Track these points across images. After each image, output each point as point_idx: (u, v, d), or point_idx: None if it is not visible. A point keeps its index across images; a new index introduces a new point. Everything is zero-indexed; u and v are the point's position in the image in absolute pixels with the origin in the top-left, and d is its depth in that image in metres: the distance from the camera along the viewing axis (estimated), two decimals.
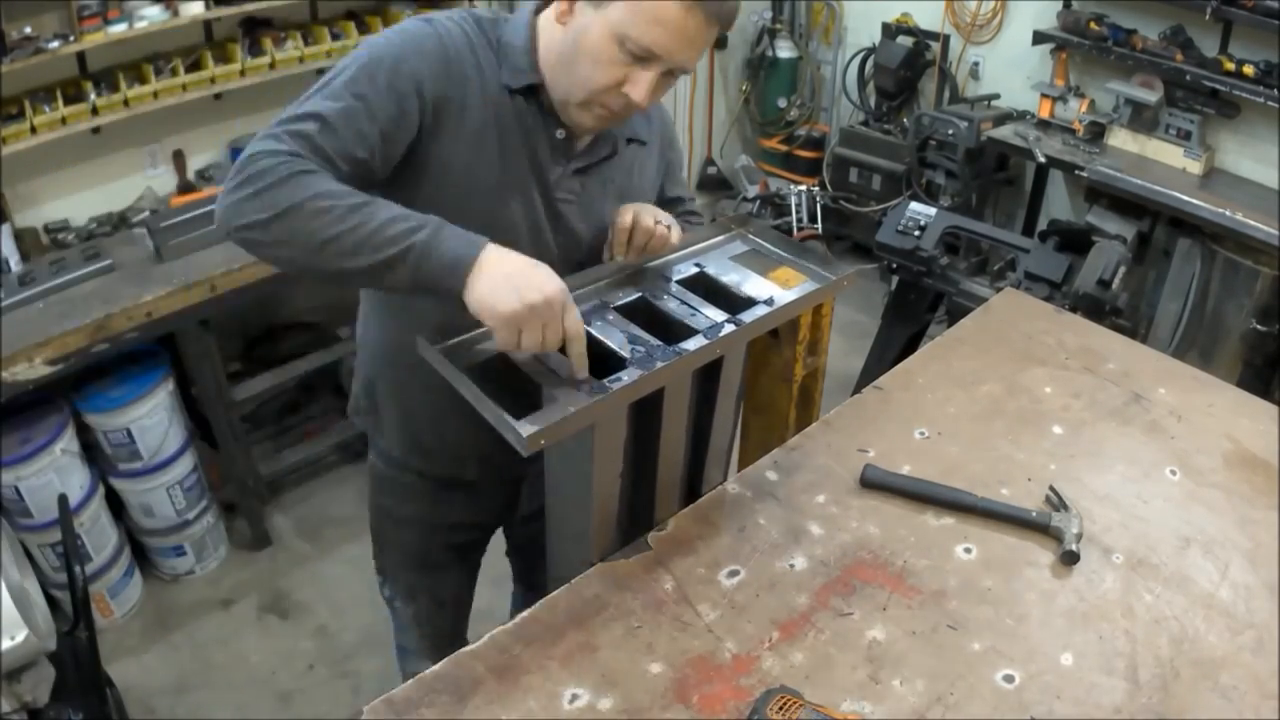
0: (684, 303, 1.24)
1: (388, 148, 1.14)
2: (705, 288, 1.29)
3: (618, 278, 1.29)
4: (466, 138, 1.19)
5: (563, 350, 1.09)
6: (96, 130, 2.63)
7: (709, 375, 1.28)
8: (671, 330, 1.19)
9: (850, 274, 1.31)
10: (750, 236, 1.41)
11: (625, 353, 1.13)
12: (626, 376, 1.08)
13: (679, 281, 1.29)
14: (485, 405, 1.03)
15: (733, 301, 1.25)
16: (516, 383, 1.11)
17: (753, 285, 1.28)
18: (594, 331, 1.17)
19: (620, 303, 1.24)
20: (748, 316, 1.21)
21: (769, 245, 1.39)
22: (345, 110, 1.10)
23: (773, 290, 1.27)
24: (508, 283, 1.03)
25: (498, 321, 1.04)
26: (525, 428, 0.99)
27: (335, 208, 1.03)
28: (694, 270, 1.32)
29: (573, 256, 1.31)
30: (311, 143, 1.08)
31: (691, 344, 1.14)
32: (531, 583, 1.80)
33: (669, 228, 1.29)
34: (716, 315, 1.20)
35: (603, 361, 1.13)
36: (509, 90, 1.20)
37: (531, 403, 1.07)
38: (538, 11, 1.23)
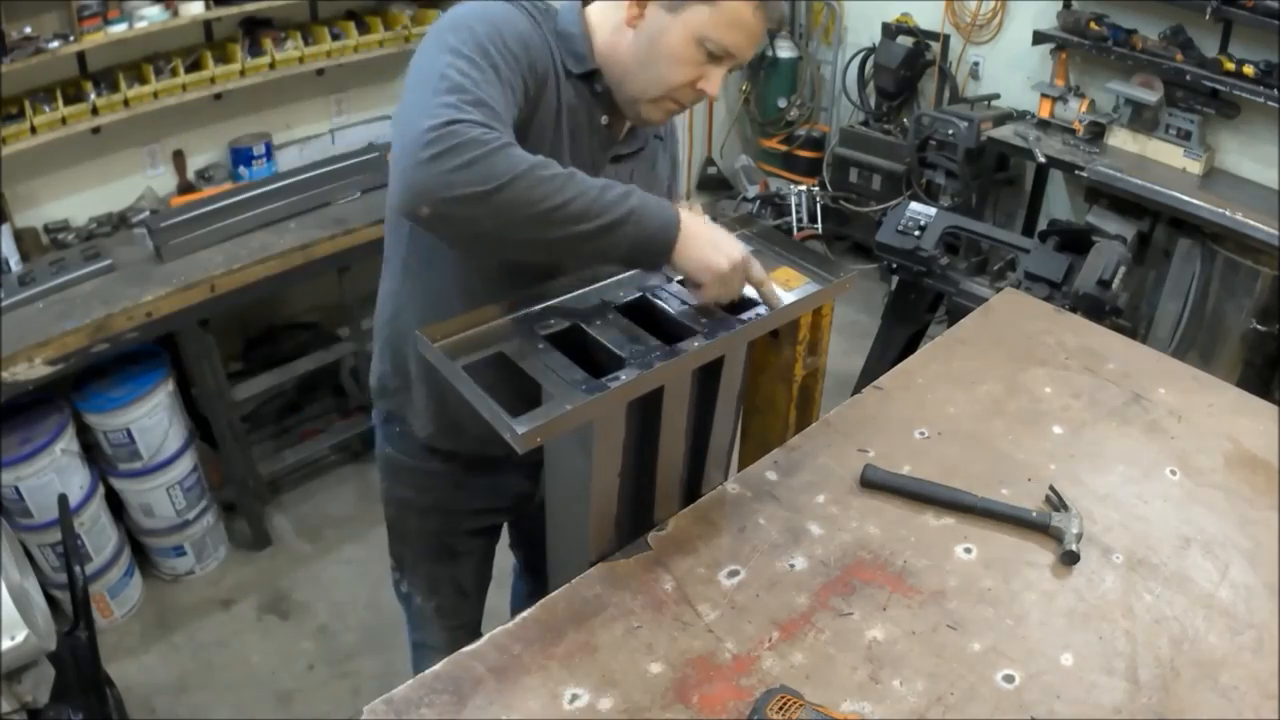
0: (685, 303, 1.24)
1: (520, 116, 1.17)
2: None
3: (620, 277, 1.29)
4: (547, 117, 1.23)
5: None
6: (96, 130, 2.63)
7: (710, 375, 1.28)
8: (672, 330, 1.19)
9: (851, 275, 1.31)
10: (752, 237, 1.42)
11: (624, 352, 1.13)
12: (625, 375, 1.08)
13: (680, 281, 1.29)
14: (482, 402, 1.04)
15: (734, 302, 1.25)
16: (518, 380, 1.11)
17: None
18: (593, 331, 1.17)
19: (621, 302, 1.24)
20: (748, 317, 1.21)
21: (770, 246, 1.39)
22: (492, 80, 1.09)
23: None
24: (712, 245, 1.15)
25: (713, 278, 1.15)
26: (520, 425, 0.99)
27: (555, 176, 1.05)
28: None
29: None
30: (494, 112, 1.06)
31: (691, 344, 1.15)
32: (542, 570, 1.79)
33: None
34: (718, 315, 1.21)
35: (602, 360, 1.13)
36: (569, 74, 1.24)
37: (532, 400, 1.07)
38: (586, 4, 1.28)
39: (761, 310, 1.22)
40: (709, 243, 1.15)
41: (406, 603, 1.70)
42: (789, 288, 1.29)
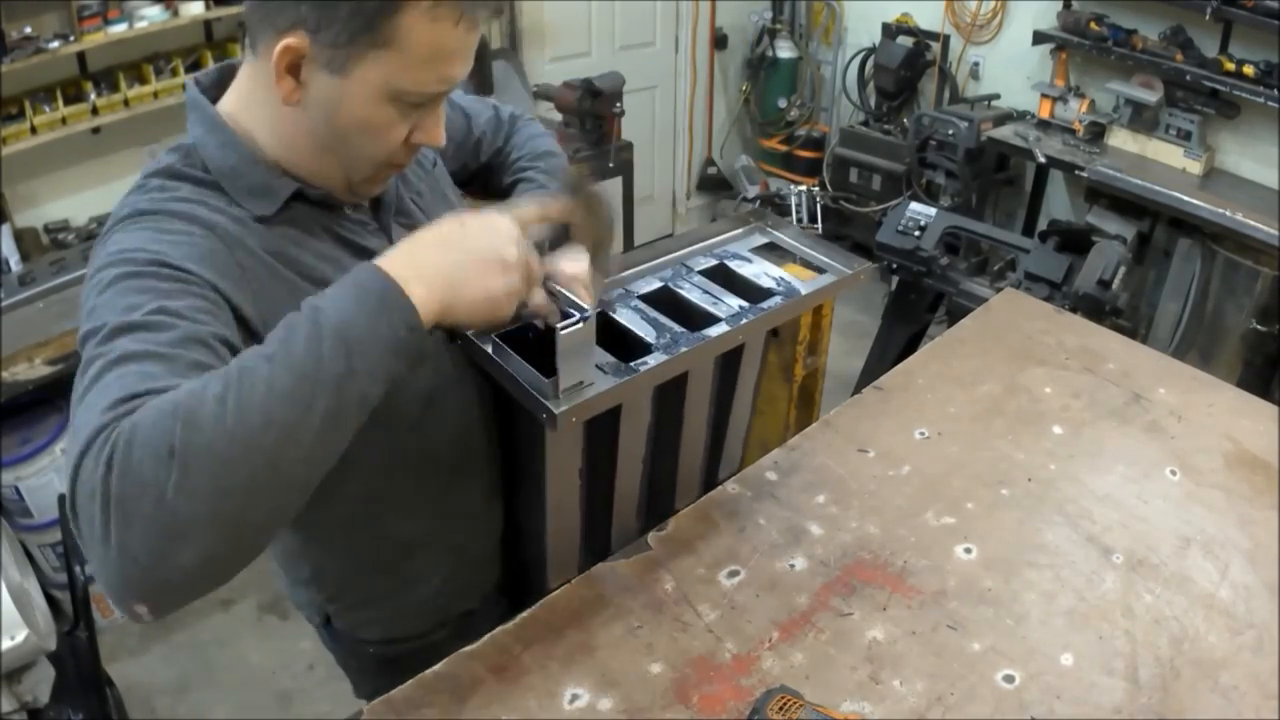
0: (706, 292, 1.26)
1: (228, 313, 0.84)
2: (725, 279, 1.31)
3: (640, 268, 1.31)
4: (269, 298, 0.88)
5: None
6: (96, 130, 2.63)
7: (727, 367, 1.29)
8: (695, 318, 1.21)
9: (867, 266, 1.32)
10: (767, 229, 1.44)
11: (651, 339, 1.14)
12: (652, 360, 1.10)
13: (700, 272, 1.31)
14: (523, 373, 1.00)
15: (752, 292, 1.26)
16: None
17: (771, 277, 1.30)
18: (620, 319, 1.19)
19: (644, 291, 1.26)
20: (768, 305, 1.22)
21: (785, 238, 1.42)
22: (152, 292, 0.77)
23: (790, 282, 1.28)
24: (460, 270, 0.82)
25: (502, 312, 0.87)
26: (558, 405, 0.98)
27: (231, 405, 0.67)
28: (713, 262, 1.34)
29: None
30: (141, 351, 0.73)
31: (715, 330, 1.16)
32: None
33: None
34: (737, 304, 1.22)
35: (629, 347, 1.14)
36: (262, 219, 0.91)
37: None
38: (215, 101, 0.93)
39: (780, 300, 1.24)
40: (450, 272, 0.81)
41: None
42: (804, 280, 1.31)
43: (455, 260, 0.83)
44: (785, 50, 4.61)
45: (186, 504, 0.65)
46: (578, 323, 0.93)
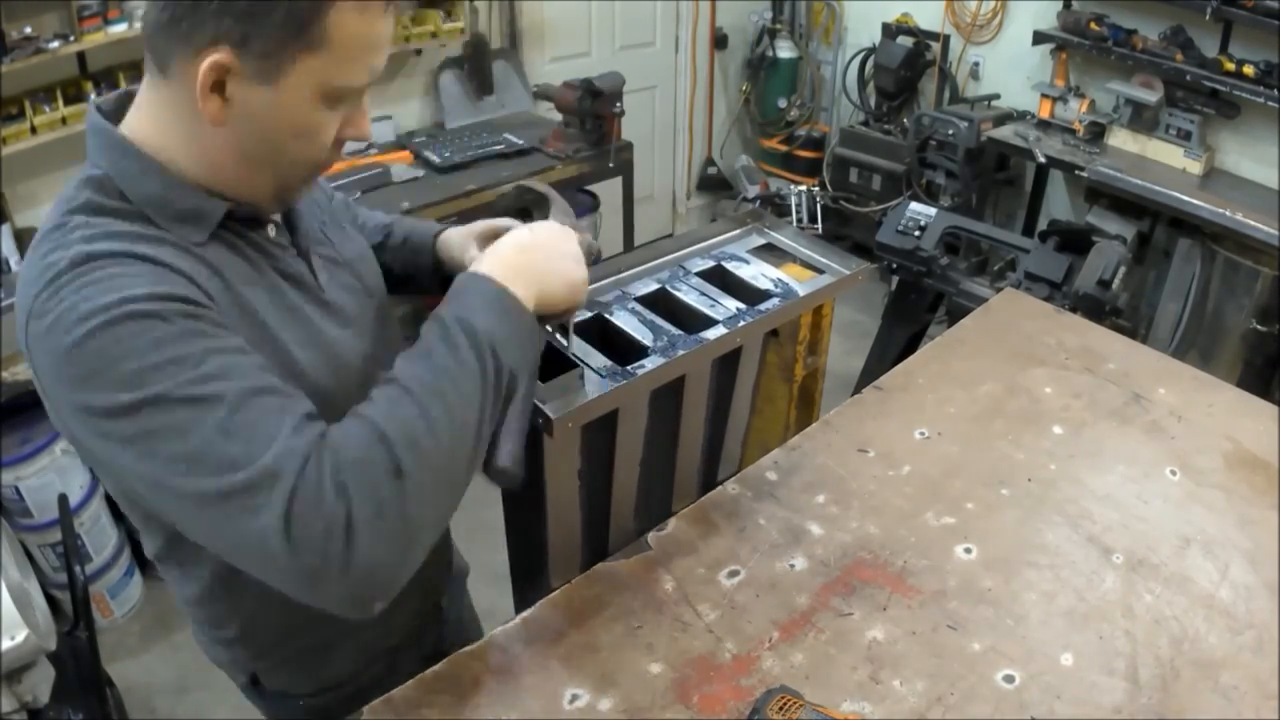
0: (703, 294, 1.26)
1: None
2: (722, 280, 1.31)
3: (637, 270, 1.31)
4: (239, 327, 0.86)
5: None
6: None
7: (725, 368, 1.29)
8: (692, 321, 1.21)
9: (865, 267, 1.32)
10: (765, 230, 1.44)
11: (648, 342, 1.14)
12: (650, 363, 1.09)
13: (698, 274, 1.30)
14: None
15: (750, 294, 1.26)
16: None
17: (768, 278, 1.30)
18: (617, 321, 1.19)
19: (641, 294, 1.25)
20: (766, 307, 1.22)
21: (783, 239, 1.42)
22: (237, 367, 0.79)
23: (788, 283, 1.28)
24: (546, 280, 0.94)
25: (578, 297, 0.99)
26: (553, 410, 1.00)
27: (435, 421, 0.80)
28: (711, 264, 1.34)
29: (382, 321, 1.09)
30: (259, 386, 0.78)
31: (712, 333, 1.16)
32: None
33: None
34: (734, 306, 1.22)
35: (626, 350, 1.14)
36: (193, 248, 0.86)
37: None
38: (117, 123, 0.88)
39: (778, 302, 1.23)
40: (542, 277, 0.94)
41: None
42: (802, 281, 1.31)
43: (538, 259, 0.95)
44: (785, 50, 4.61)
45: (420, 513, 0.79)
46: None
